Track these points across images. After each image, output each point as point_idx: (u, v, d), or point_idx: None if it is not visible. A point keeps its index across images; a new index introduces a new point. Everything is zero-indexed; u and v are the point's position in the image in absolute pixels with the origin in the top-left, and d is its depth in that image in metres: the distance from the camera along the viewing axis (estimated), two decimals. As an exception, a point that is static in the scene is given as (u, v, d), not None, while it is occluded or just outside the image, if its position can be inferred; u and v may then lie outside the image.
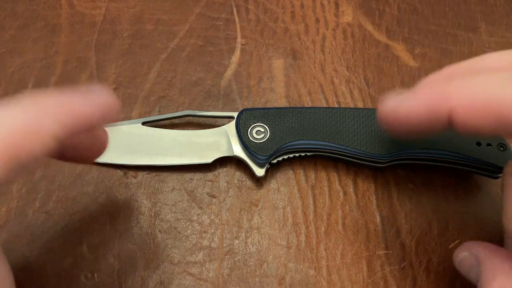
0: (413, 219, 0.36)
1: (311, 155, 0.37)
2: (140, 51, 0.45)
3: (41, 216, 0.36)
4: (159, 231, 0.36)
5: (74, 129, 0.22)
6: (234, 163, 0.38)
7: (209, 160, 0.37)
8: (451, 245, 0.35)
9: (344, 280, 0.34)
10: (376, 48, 0.45)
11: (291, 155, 0.37)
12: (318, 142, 0.36)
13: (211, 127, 0.39)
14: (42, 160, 0.38)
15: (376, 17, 0.47)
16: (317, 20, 0.47)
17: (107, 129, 0.39)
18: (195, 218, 0.36)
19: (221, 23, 0.47)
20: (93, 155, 0.29)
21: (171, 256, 0.35)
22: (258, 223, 0.36)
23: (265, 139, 0.36)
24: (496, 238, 0.35)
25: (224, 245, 0.35)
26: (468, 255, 0.28)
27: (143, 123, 0.39)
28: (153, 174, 0.38)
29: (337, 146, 0.36)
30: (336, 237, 0.35)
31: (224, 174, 0.38)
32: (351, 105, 0.41)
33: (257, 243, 0.35)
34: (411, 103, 0.24)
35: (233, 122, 0.37)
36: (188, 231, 0.36)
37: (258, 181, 0.37)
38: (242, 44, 0.45)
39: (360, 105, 0.41)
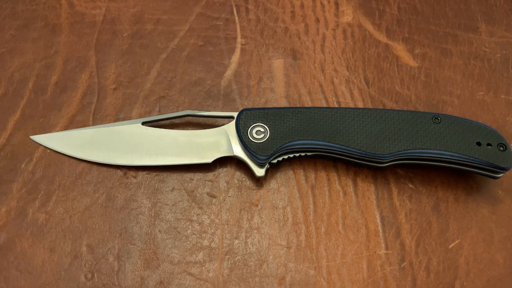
0: (413, 219, 0.36)
1: (311, 155, 0.37)
2: (140, 51, 0.45)
3: (41, 216, 0.36)
4: (159, 231, 0.36)
5: None
6: (234, 163, 0.38)
7: (209, 160, 0.37)
8: (451, 245, 0.35)
9: (344, 280, 0.34)
10: (376, 48, 0.45)
11: (291, 155, 0.37)
12: (318, 142, 0.36)
13: (211, 127, 0.39)
14: (42, 160, 0.38)
15: (376, 17, 0.47)
16: (317, 20, 0.47)
17: (107, 129, 0.39)
18: (195, 218, 0.36)
19: (221, 23, 0.47)
20: None
21: (171, 256, 0.35)
22: (258, 223, 0.36)
23: (265, 139, 0.36)
24: (496, 238, 0.35)
25: (224, 245, 0.35)
26: None
27: (143, 123, 0.39)
28: (153, 174, 0.38)
29: (337, 146, 0.36)
30: (336, 237, 0.35)
31: (224, 174, 0.38)
32: (351, 105, 0.41)
33: (257, 243, 0.35)
34: None
35: (233, 122, 0.37)
36: (188, 231, 0.36)
37: (258, 181, 0.37)
38: (242, 44, 0.45)
39: (360, 105, 0.41)
